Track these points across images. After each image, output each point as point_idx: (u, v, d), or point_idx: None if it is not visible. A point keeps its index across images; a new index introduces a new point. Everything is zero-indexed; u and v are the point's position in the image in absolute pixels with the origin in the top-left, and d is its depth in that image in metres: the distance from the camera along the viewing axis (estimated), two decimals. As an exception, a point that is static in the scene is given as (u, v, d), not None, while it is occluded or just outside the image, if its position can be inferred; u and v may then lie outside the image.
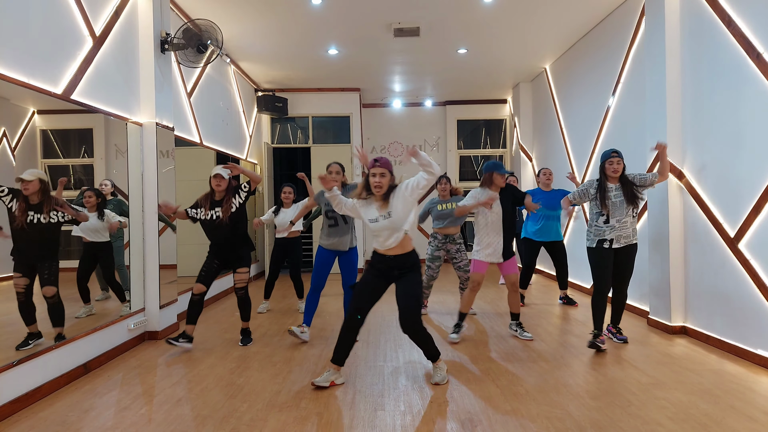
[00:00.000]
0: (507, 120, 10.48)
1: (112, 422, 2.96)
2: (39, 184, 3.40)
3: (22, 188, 3.31)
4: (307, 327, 4.55)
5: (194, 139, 6.19)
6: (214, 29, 4.84)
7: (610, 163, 4.16)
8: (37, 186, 3.39)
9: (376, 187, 3.34)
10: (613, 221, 4.13)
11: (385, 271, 3.45)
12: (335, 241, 4.47)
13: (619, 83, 5.84)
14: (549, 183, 5.96)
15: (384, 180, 3.35)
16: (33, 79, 3.39)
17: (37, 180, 3.40)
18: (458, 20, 6.19)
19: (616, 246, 4.17)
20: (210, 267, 4.38)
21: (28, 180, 3.35)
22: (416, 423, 2.90)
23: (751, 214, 3.85)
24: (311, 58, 7.61)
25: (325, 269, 4.48)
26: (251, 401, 3.23)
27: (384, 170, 3.36)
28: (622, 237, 4.15)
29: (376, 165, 3.35)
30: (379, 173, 3.34)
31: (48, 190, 3.48)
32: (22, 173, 3.35)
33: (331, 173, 4.37)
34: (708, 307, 4.34)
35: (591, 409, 3.04)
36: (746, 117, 3.92)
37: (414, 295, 3.38)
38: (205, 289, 4.34)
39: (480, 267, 4.50)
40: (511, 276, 4.55)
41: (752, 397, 3.18)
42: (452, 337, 4.53)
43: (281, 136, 9.74)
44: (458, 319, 4.59)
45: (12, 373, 3.10)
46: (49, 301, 3.52)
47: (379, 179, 3.34)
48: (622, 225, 4.14)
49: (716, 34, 4.21)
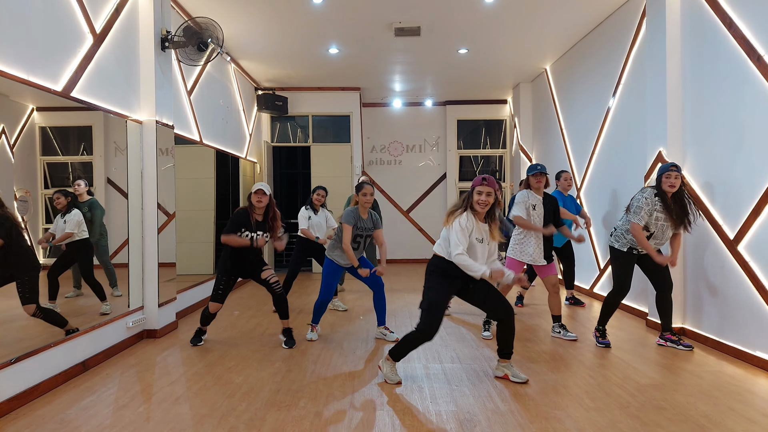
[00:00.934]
0: (507, 120, 10.48)
1: (111, 420, 2.95)
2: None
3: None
4: (316, 324, 4.72)
5: (194, 138, 6.18)
6: (215, 27, 4.83)
7: (668, 176, 3.92)
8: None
9: (480, 204, 3.24)
10: (653, 240, 4.09)
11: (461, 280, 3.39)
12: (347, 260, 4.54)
13: (620, 84, 5.83)
14: (569, 188, 5.83)
15: (490, 199, 3.24)
16: (33, 75, 3.38)
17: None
18: (459, 20, 6.18)
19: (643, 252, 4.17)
20: (228, 285, 4.36)
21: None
22: (415, 423, 2.89)
23: (750, 216, 3.85)
24: (312, 57, 7.61)
25: (335, 283, 4.59)
26: (250, 400, 3.22)
27: (491, 190, 3.24)
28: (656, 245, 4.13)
29: (483, 183, 3.24)
30: (486, 192, 3.24)
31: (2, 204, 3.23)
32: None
33: (366, 195, 4.39)
34: (707, 308, 4.34)
35: (590, 410, 3.04)
36: (746, 119, 3.92)
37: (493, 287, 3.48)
38: (221, 307, 4.41)
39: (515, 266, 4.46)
40: (551, 278, 4.51)
41: (751, 399, 3.18)
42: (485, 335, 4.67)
43: (281, 134, 9.73)
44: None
45: (10, 371, 3.09)
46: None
47: (485, 198, 3.23)
48: (658, 242, 4.10)
49: (717, 35, 4.21)
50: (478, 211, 3.26)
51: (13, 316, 3.30)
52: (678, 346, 4.21)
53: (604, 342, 4.31)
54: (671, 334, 4.27)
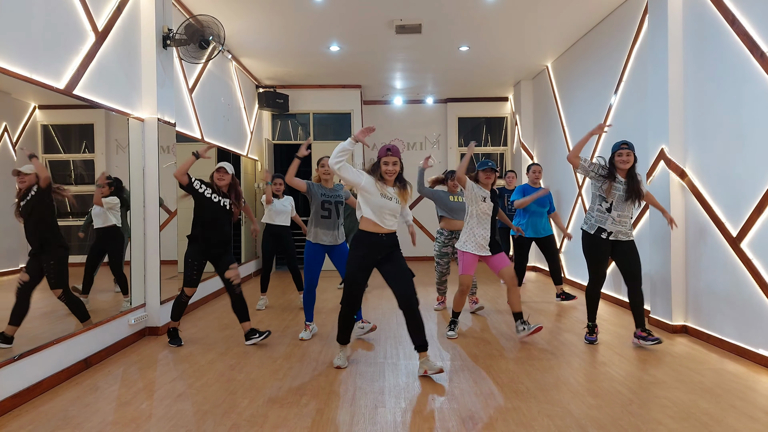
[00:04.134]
0: (508, 118, 10.47)
1: (113, 417, 2.96)
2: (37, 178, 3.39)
3: (18, 181, 3.30)
4: (311, 322, 4.64)
5: (195, 135, 6.18)
6: (216, 25, 4.83)
7: (619, 154, 4.09)
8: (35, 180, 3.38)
9: (388, 173, 3.63)
10: (614, 213, 4.10)
11: (376, 251, 3.65)
12: (326, 236, 4.43)
13: (622, 81, 5.82)
14: (538, 180, 6.13)
15: (396, 168, 3.64)
16: (36, 73, 3.38)
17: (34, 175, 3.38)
18: (460, 17, 6.17)
19: (612, 239, 4.15)
20: (200, 268, 4.33)
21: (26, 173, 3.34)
22: (417, 420, 2.90)
23: (753, 213, 3.85)
24: (313, 55, 7.60)
25: (317, 266, 4.46)
26: (252, 397, 3.23)
27: (396, 159, 3.65)
28: (620, 233, 4.13)
29: (389, 154, 3.63)
30: (392, 161, 3.63)
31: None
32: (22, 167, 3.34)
33: (323, 166, 4.43)
34: (709, 306, 4.34)
35: (591, 407, 3.04)
36: (749, 116, 3.91)
37: (408, 269, 3.70)
38: (195, 291, 4.39)
39: (468, 265, 4.42)
40: (506, 269, 4.40)
41: (753, 397, 3.18)
42: (449, 334, 4.56)
43: (282, 132, 9.73)
44: (453, 316, 4.61)
45: (13, 368, 3.10)
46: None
47: (392, 167, 3.62)
48: (622, 220, 4.11)
49: (720, 32, 4.20)
50: (387, 179, 3.64)
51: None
52: (647, 342, 4.09)
53: (590, 339, 4.31)
54: (643, 332, 4.13)
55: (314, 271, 4.46)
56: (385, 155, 3.63)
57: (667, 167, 4.71)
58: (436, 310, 5.66)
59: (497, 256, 4.43)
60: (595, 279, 4.26)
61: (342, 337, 3.81)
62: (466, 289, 4.47)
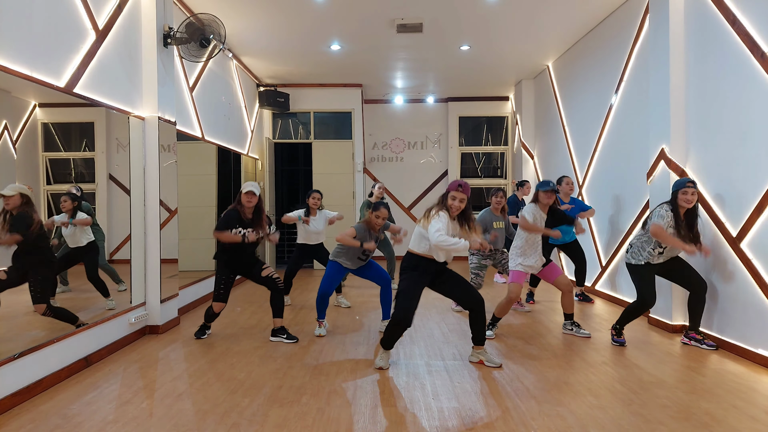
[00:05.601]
0: (509, 117, 10.46)
1: (113, 416, 2.95)
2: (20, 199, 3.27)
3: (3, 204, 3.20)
4: (323, 319, 4.77)
5: (196, 134, 6.17)
6: (217, 24, 4.82)
7: (684, 192, 3.99)
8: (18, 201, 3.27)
9: (452, 208, 3.59)
10: (666, 249, 4.12)
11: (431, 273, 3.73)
12: (351, 262, 4.65)
13: (623, 81, 5.82)
14: (570, 193, 5.88)
15: (462, 205, 3.60)
16: (36, 72, 3.37)
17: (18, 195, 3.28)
18: (461, 17, 6.16)
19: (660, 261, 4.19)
20: (228, 282, 4.44)
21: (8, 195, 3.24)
22: (417, 419, 2.90)
23: (753, 213, 3.84)
24: (313, 54, 7.59)
25: (336, 282, 4.72)
26: (252, 396, 3.23)
27: (464, 197, 3.60)
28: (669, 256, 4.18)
29: (459, 190, 3.59)
30: (459, 198, 3.59)
31: (30, 203, 3.35)
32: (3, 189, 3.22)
33: (378, 218, 4.50)
34: (709, 306, 4.33)
35: (592, 407, 3.04)
36: (750, 116, 3.90)
37: (464, 278, 3.82)
38: (225, 306, 4.50)
39: (520, 277, 4.48)
40: (561, 279, 4.52)
41: (754, 397, 3.18)
42: (488, 334, 4.58)
43: (283, 131, 9.73)
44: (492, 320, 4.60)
45: (13, 366, 3.10)
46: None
47: (458, 203, 3.58)
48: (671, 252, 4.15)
49: (721, 32, 4.19)
50: (451, 213, 3.60)
51: (15, 312, 3.31)
52: (702, 345, 4.19)
53: (619, 341, 4.30)
54: (696, 333, 4.24)
55: (332, 286, 4.68)
56: (455, 189, 3.59)
57: (668, 167, 4.71)
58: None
59: (548, 268, 4.56)
60: (643, 301, 4.15)
61: (388, 344, 3.78)
62: (515, 297, 4.45)
